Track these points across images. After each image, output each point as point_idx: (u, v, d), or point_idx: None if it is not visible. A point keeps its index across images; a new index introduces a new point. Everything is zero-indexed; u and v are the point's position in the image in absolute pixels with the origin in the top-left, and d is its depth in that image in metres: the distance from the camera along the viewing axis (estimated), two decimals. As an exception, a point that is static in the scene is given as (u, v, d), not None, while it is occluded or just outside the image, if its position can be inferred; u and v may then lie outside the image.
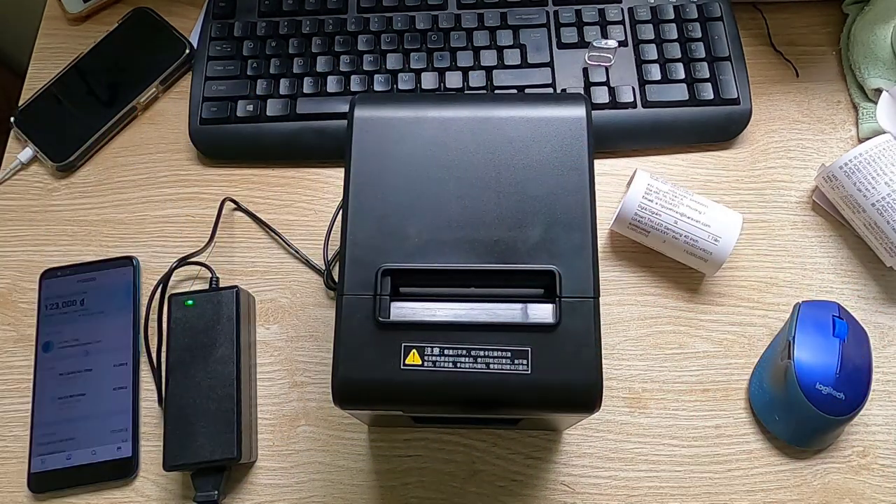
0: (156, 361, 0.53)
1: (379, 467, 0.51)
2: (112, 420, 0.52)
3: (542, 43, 0.60)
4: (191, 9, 0.66)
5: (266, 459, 0.51)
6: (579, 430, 0.52)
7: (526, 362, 0.37)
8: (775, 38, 0.63)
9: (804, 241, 0.57)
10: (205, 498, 0.48)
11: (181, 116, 0.61)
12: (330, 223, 0.57)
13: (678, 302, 0.55)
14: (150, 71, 0.62)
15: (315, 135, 0.59)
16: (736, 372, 0.53)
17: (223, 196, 0.58)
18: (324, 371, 0.54)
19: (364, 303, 0.38)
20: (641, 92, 0.59)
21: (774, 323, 0.54)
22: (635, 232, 0.54)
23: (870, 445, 0.51)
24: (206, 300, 0.52)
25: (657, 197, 0.52)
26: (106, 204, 0.59)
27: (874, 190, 0.53)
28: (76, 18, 0.65)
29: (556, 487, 0.50)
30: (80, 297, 0.55)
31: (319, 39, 0.61)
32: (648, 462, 0.51)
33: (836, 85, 0.62)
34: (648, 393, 0.52)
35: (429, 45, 0.60)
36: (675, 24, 0.60)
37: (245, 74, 0.60)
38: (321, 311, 0.55)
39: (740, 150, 0.60)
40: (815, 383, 0.48)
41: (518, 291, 0.39)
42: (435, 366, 0.37)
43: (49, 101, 0.61)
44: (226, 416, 0.49)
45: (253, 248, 0.57)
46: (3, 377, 0.54)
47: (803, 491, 0.50)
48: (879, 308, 0.55)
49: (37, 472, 0.51)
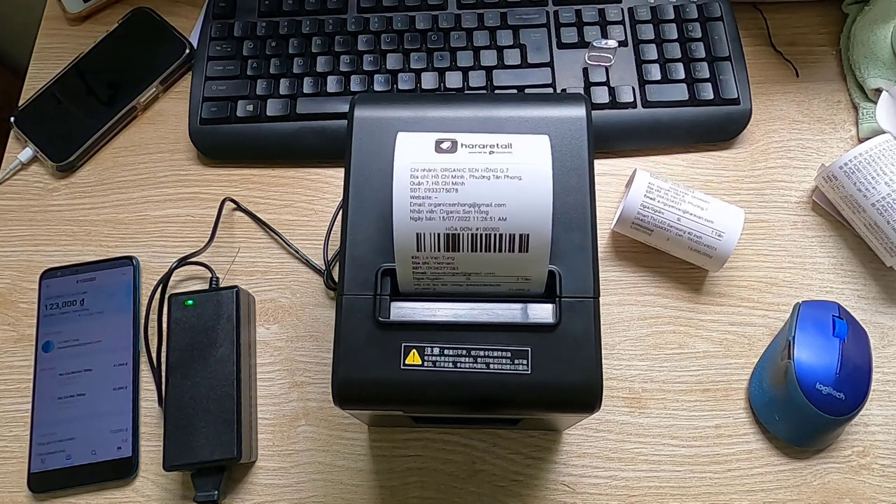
0: (156, 361, 0.52)
1: (379, 467, 0.51)
2: (112, 420, 0.52)
3: (542, 43, 0.60)
4: (191, 9, 0.66)
5: (266, 459, 0.51)
6: (579, 430, 0.52)
7: (526, 362, 0.37)
8: (775, 38, 0.63)
9: (804, 241, 0.57)
10: (205, 498, 0.48)
11: (181, 116, 0.61)
12: (330, 223, 0.57)
13: (678, 302, 0.55)
14: (150, 71, 0.62)
15: (315, 135, 0.59)
16: (736, 372, 0.53)
17: (223, 196, 0.58)
18: (324, 371, 0.54)
19: (364, 303, 0.38)
20: (641, 92, 0.59)
21: (774, 323, 0.54)
22: (638, 231, 0.54)
23: (870, 445, 0.51)
24: (206, 300, 0.52)
25: (659, 195, 0.52)
26: (106, 204, 0.59)
27: (874, 190, 0.53)
28: (76, 18, 0.65)
29: (556, 487, 0.50)
30: (80, 297, 0.55)
31: (319, 39, 0.61)
32: (648, 462, 0.51)
33: (836, 85, 0.62)
34: (648, 393, 0.53)
35: (429, 45, 0.60)
36: (675, 24, 0.60)
37: (245, 74, 0.60)
38: (321, 311, 0.55)
39: (740, 150, 0.60)
40: (815, 383, 0.48)
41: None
42: (435, 366, 0.37)
43: (49, 101, 0.61)
44: (226, 416, 0.49)
45: (253, 248, 0.57)
46: (3, 377, 0.54)
47: (803, 491, 0.50)
48: (879, 308, 0.55)
49: (37, 472, 0.51)
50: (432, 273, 0.38)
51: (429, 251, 0.37)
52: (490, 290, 0.39)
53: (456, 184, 0.36)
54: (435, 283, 0.38)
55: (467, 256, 0.37)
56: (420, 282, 0.38)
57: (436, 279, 0.38)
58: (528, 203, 0.36)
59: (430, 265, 0.37)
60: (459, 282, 0.38)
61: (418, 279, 0.38)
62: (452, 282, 0.38)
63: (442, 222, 0.36)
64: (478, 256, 0.37)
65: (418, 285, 0.38)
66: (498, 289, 0.38)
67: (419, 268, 0.38)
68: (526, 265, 0.37)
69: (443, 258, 0.37)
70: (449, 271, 0.38)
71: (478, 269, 0.38)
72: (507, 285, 0.38)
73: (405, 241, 0.37)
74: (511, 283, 0.38)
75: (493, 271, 0.38)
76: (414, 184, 0.36)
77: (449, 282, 0.38)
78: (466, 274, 0.38)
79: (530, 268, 0.37)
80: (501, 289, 0.38)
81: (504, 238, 0.36)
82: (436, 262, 0.37)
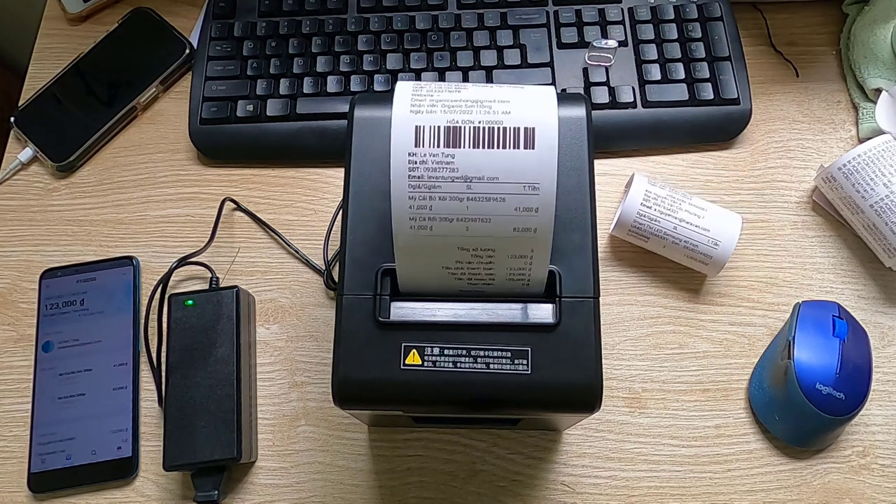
0: (156, 361, 0.52)
1: (379, 467, 0.51)
2: (112, 420, 0.52)
3: (542, 43, 0.60)
4: (191, 9, 0.66)
5: (266, 459, 0.51)
6: (579, 430, 0.52)
7: (526, 362, 0.37)
8: (775, 38, 0.63)
9: (804, 241, 0.57)
10: (205, 498, 0.48)
11: (181, 116, 0.61)
12: (330, 223, 0.57)
13: (678, 302, 0.55)
14: (150, 71, 0.62)
15: (315, 135, 0.59)
16: (736, 372, 0.53)
17: (223, 196, 0.58)
18: (324, 371, 0.54)
19: (364, 303, 0.38)
20: (641, 92, 0.59)
21: (774, 323, 0.54)
22: (635, 237, 0.54)
23: (870, 445, 0.51)
24: (206, 300, 0.52)
25: (655, 203, 0.52)
26: (106, 204, 0.59)
27: (873, 191, 0.53)
28: (76, 18, 0.65)
29: (556, 487, 0.50)
30: (80, 297, 0.55)
31: (319, 39, 0.61)
32: (648, 462, 0.51)
33: (836, 85, 0.62)
34: (648, 393, 0.53)
35: (429, 45, 0.60)
36: (675, 24, 0.60)
37: (245, 74, 0.60)
38: (321, 311, 0.55)
39: (740, 150, 0.60)
40: (815, 383, 0.48)
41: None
42: (435, 366, 0.37)
43: (49, 101, 0.61)
44: (226, 416, 0.49)
45: (253, 248, 0.57)
46: (3, 377, 0.54)
47: (803, 491, 0.50)
48: (879, 308, 0.55)
49: (37, 472, 0.51)
50: (429, 177, 0.34)
51: (427, 147, 0.34)
52: (493, 206, 0.34)
53: (459, 88, 0.35)
54: (431, 193, 0.34)
55: (469, 154, 0.34)
56: (416, 191, 0.34)
57: (433, 186, 0.34)
58: (532, 100, 0.34)
59: (427, 165, 0.34)
60: (459, 190, 0.34)
61: (414, 187, 0.34)
62: (451, 190, 0.34)
63: (443, 115, 0.34)
64: (480, 154, 0.34)
65: (413, 196, 0.34)
66: (503, 204, 0.34)
67: (416, 169, 0.34)
68: (532, 168, 0.34)
69: (442, 156, 0.34)
70: (448, 175, 0.34)
71: (479, 172, 0.34)
72: (512, 199, 0.34)
73: (402, 138, 0.34)
74: (516, 198, 0.34)
75: (496, 176, 0.34)
76: (416, 88, 0.35)
77: (447, 191, 0.34)
78: (467, 179, 0.34)
79: (537, 171, 0.34)
80: (506, 205, 0.34)
81: (508, 132, 0.34)
82: (434, 162, 0.34)
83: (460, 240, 0.36)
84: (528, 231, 0.35)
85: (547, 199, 0.34)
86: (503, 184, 0.34)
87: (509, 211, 0.35)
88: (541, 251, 0.36)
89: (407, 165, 0.34)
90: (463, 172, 0.34)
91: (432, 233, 0.36)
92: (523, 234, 0.35)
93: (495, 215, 0.35)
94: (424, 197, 0.34)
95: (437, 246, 0.36)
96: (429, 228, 0.36)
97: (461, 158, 0.34)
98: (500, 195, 0.34)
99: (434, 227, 0.35)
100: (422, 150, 0.34)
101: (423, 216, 0.35)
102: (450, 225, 0.35)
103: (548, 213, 0.35)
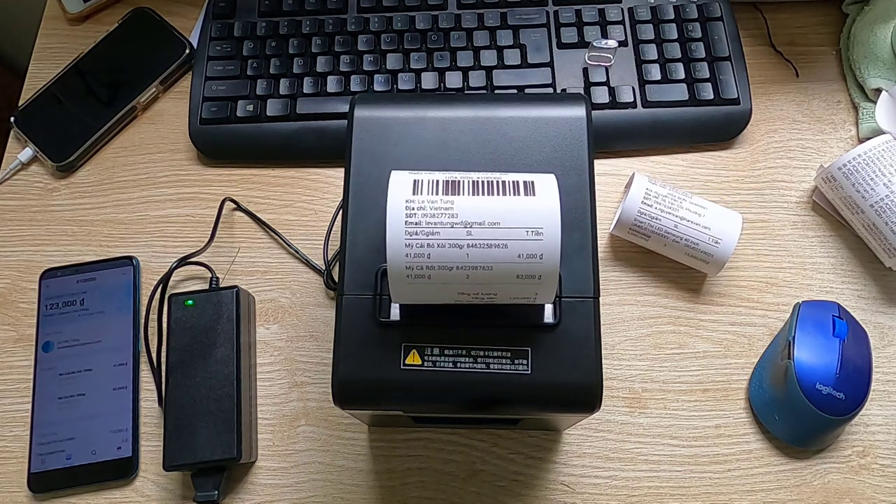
0: (156, 361, 0.52)
1: (379, 467, 0.51)
2: (112, 420, 0.52)
3: (542, 43, 0.60)
4: (191, 9, 0.66)
5: (266, 459, 0.51)
6: (579, 430, 0.52)
7: (526, 362, 0.37)
8: (775, 38, 0.63)
9: (804, 241, 0.57)
10: (205, 498, 0.48)
11: (181, 116, 0.61)
12: (330, 223, 0.57)
13: (678, 302, 0.55)
14: (150, 71, 0.62)
15: (315, 135, 0.59)
16: (736, 372, 0.53)
17: (223, 196, 0.58)
18: (324, 371, 0.54)
19: (364, 303, 0.38)
20: (641, 92, 0.59)
21: (774, 323, 0.54)
22: (636, 236, 0.54)
23: (870, 445, 0.51)
24: (206, 300, 0.52)
25: (656, 201, 0.52)
26: (106, 204, 0.59)
27: (873, 191, 0.53)
28: (76, 18, 0.65)
29: (556, 487, 0.50)
30: (80, 297, 0.55)
31: (319, 39, 0.61)
32: (648, 462, 0.51)
33: (836, 85, 0.62)
34: (648, 393, 0.53)
35: (429, 45, 0.60)
36: (675, 24, 0.60)
37: (245, 74, 0.60)
38: (321, 311, 0.55)
39: (740, 150, 0.60)
40: (815, 383, 0.48)
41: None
42: (435, 366, 0.37)
43: (49, 101, 0.61)
44: (226, 416, 0.49)
45: (253, 248, 0.57)
46: (3, 377, 0.54)
47: (803, 491, 0.50)
48: (879, 308, 0.55)
49: (37, 472, 0.51)
50: (427, 223, 0.32)
51: (425, 195, 0.33)
52: (495, 254, 0.32)
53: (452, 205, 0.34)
54: (430, 240, 0.32)
55: (469, 200, 0.33)
56: (413, 238, 0.32)
57: (431, 233, 0.32)
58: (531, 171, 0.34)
59: (425, 211, 0.32)
60: (459, 237, 0.32)
61: (411, 234, 0.32)
62: (450, 236, 0.32)
63: (441, 174, 0.34)
64: (481, 199, 0.33)
65: (410, 244, 0.32)
66: (505, 251, 0.32)
67: (413, 215, 0.32)
68: (535, 212, 0.32)
69: (441, 202, 0.32)
70: (447, 220, 0.32)
71: (480, 217, 0.32)
72: (515, 245, 0.32)
73: (399, 188, 0.33)
74: (519, 244, 0.32)
75: (497, 221, 0.32)
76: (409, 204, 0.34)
77: (447, 237, 0.32)
78: (467, 225, 0.32)
79: (540, 216, 0.32)
80: (508, 252, 0.32)
81: (508, 184, 0.33)
82: (433, 207, 0.32)
83: (460, 286, 0.34)
84: (532, 278, 0.33)
85: (551, 245, 0.33)
86: (505, 229, 0.33)
87: (512, 258, 0.33)
88: (545, 293, 0.34)
89: (404, 212, 0.33)
90: (463, 218, 0.33)
91: (430, 281, 0.34)
92: (527, 280, 0.33)
93: (497, 263, 0.33)
94: (422, 244, 0.33)
95: (434, 292, 0.35)
96: (426, 277, 0.34)
97: (461, 204, 0.33)
98: (503, 241, 0.33)
99: (433, 276, 0.33)
100: (420, 196, 0.33)
101: (421, 265, 0.33)
102: (449, 273, 0.33)
103: (552, 259, 0.33)
